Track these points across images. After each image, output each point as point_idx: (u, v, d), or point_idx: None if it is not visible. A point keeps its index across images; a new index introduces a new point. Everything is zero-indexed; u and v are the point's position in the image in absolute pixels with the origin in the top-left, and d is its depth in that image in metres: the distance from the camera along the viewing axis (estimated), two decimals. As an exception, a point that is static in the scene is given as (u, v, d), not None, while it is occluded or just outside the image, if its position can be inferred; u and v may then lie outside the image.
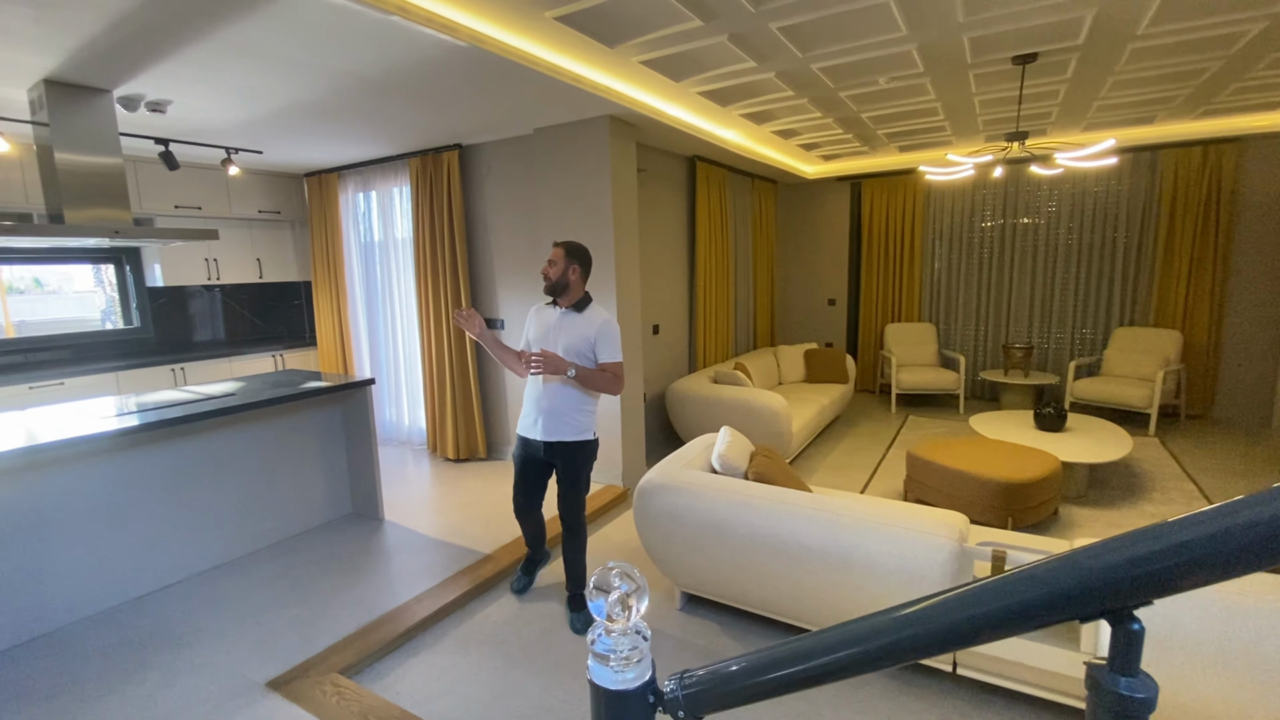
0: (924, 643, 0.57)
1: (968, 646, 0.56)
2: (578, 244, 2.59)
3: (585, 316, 2.56)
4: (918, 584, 2.04)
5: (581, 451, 2.62)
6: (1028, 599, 0.51)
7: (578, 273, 2.55)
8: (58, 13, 2.23)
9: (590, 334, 2.52)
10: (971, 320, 6.46)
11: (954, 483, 3.40)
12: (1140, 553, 0.47)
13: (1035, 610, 0.51)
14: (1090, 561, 0.50)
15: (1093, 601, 0.49)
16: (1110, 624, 0.51)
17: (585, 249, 2.60)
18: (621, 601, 0.67)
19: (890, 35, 2.90)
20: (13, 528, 2.53)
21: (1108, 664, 0.51)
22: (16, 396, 3.96)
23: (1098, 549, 0.50)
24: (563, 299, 2.58)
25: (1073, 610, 0.50)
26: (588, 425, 2.61)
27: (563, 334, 2.55)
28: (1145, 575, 0.46)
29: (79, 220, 3.04)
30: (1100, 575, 0.48)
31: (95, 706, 2.17)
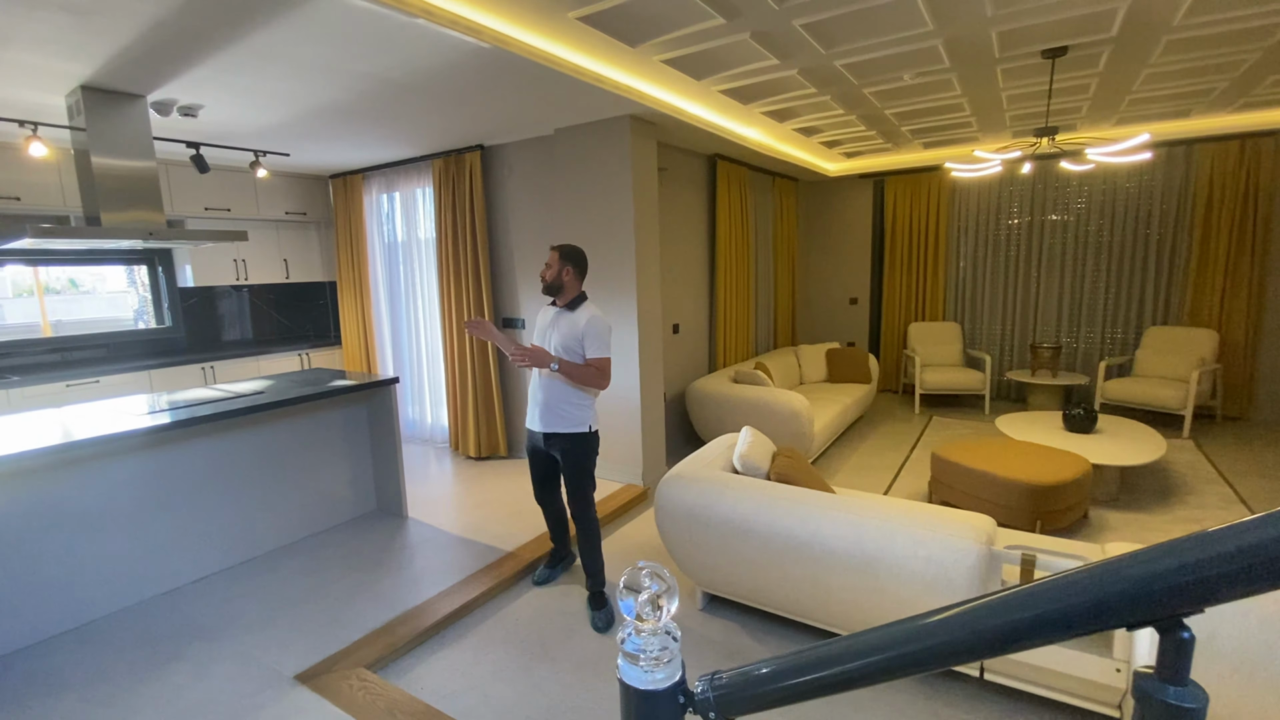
0: (962, 648, 0.56)
1: (1007, 653, 0.55)
2: (572, 247, 2.71)
3: (576, 314, 2.66)
4: (944, 587, 2.01)
5: (578, 444, 2.70)
6: (1072, 605, 0.50)
7: (571, 274, 2.66)
8: (94, 20, 2.29)
9: (579, 330, 2.62)
10: (997, 319, 6.35)
11: (980, 485, 3.34)
12: (1193, 559, 0.45)
13: (1079, 617, 0.50)
14: (1138, 568, 0.48)
15: (1141, 609, 0.48)
16: (1159, 632, 0.49)
17: (580, 251, 2.71)
18: (652, 601, 0.67)
19: (916, 30, 2.86)
20: (50, 522, 2.60)
21: (1156, 673, 0.50)
22: (54, 394, 4.08)
23: (1147, 555, 0.49)
24: (559, 298, 2.71)
25: (1119, 618, 0.49)
26: (582, 418, 2.69)
27: (556, 331, 2.68)
28: (1197, 582, 0.45)
29: (115, 222, 3.12)
30: (1150, 582, 0.47)
31: (130, 696, 2.23)
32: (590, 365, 2.60)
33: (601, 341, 2.61)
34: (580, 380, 2.62)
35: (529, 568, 3.11)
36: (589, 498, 2.75)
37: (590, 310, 2.65)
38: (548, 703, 2.21)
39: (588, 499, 2.75)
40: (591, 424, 2.72)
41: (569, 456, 2.70)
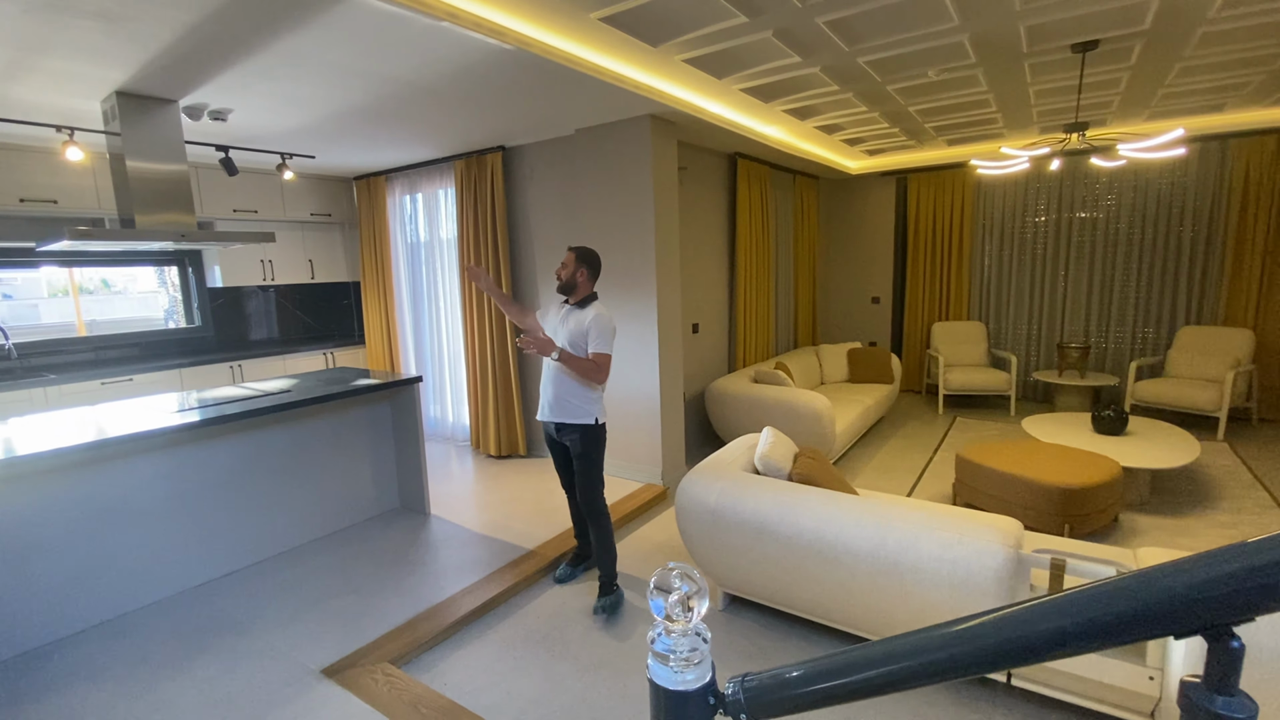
0: (1003, 654, 0.55)
1: (1049, 660, 0.54)
2: (588, 250, 2.82)
3: (584, 312, 2.77)
4: (970, 591, 1.98)
5: (586, 435, 2.79)
6: (1118, 612, 0.49)
7: (585, 275, 2.78)
8: (128, 27, 2.35)
9: (585, 326, 2.73)
10: (1023, 319, 6.24)
11: (1007, 487, 3.29)
12: (1246, 566, 0.44)
13: (1126, 625, 0.49)
14: (1188, 574, 0.47)
15: (1190, 617, 0.46)
16: (1207, 641, 0.48)
17: (595, 254, 2.83)
18: (682, 602, 0.67)
19: (941, 26, 2.82)
20: (88, 517, 2.68)
21: (1204, 682, 0.49)
22: (90, 392, 4.19)
23: (1197, 561, 0.48)
24: (571, 297, 2.82)
25: (1167, 626, 0.47)
26: (589, 411, 2.78)
27: (565, 327, 2.79)
28: (1251, 590, 0.44)
29: (148, 225, 3.20)
30: (1200, 589, 0.46)
31: (162, 688, 2.28)
32: (590, 359, 2.70)
33: (604, 338, 2.71)
34: (579, 372, 2.71)
35: (550, 566, 3.13)
36: (595, 487, 2.86)
37: (598, 309, 2.75)
38: (569, 700, 2.22)
39: (594, 489, 2.85)
40: (598, 417, 2.81)
41: (576, 447, 2.82)
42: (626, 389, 4.22)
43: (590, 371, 2.70)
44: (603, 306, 2.78)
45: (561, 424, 2.81)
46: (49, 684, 2.32)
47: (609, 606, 2.76)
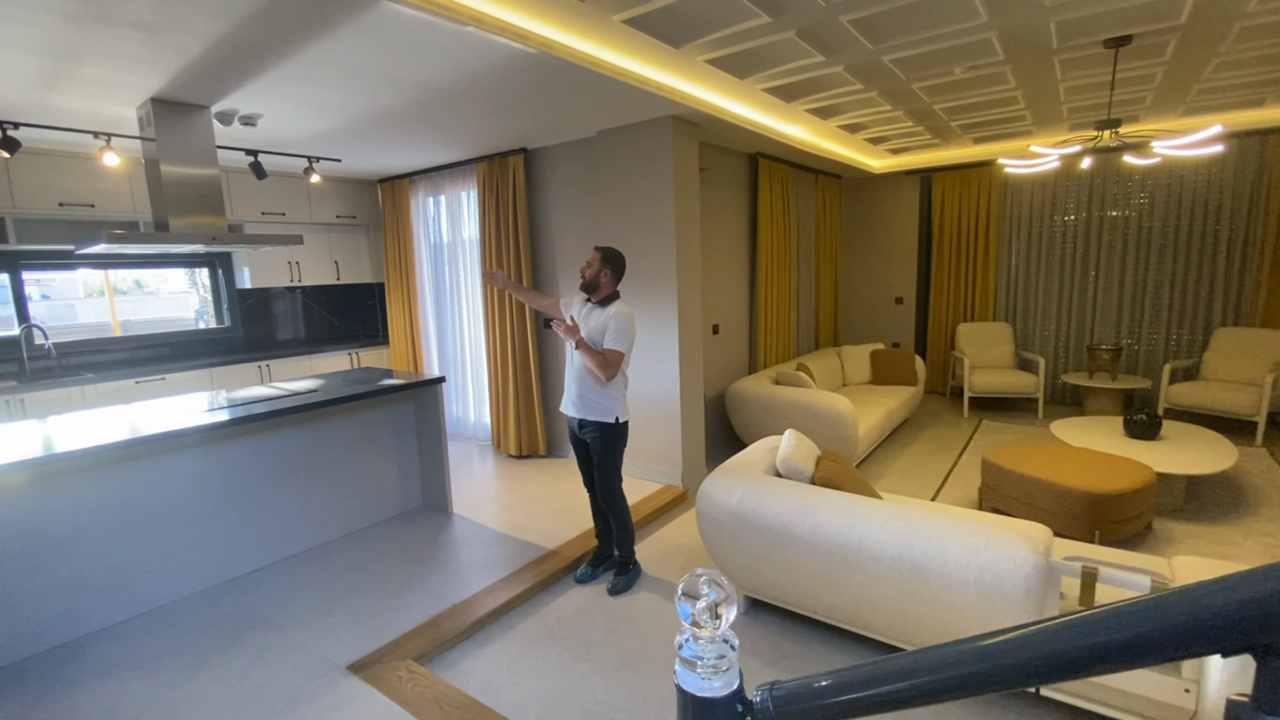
0: (1042, 669, 0.54)
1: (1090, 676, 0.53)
2: (614, 251, 2.88)
3: (606, 310, 2.84)
4: (997, 599, 1.95)
5: (606, 433, 2.87)
6: (1162, 629, 0.48)
7: (608, 275, 2.84)
8: (164, 36, 2.41)
9: (604, 324, 2.80)
10: (1051, 320, 6.11)
11: (1035, 492, 3.22)
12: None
13: (1170, 642, 0.48)
14: (1233, 592, 0.46)
15: (1238, 636, 0.45)
16: (1256, 659, 0.47)
17: (621, 256, 2.89)
18: (710, 609, 0.67)
19: (969, 23, 2.77)
20: (122, 513, 2.75)
21: (1253, 701, 0.47)
22: (125, 391, 4.31)
23: (1242, 578, 0.46)
24: (594, 295, 2.88)
25: (1213, 644, 0.46)
26: (609, 409, 2.85)
27: (586, 324, 2.87)
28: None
29: (181, 227, 3.28)
30: (1248, 608, 0.44)
31: (194, 680, 2.34)
32: (603, 353, 2.76)
33: (620, 337, 2.77)
34: (591, 364, 2.77)
35: (571, 566, 3.14)
36: (613, 483, 2.95)
37: (619, 307, 2.82)
38: (590, 701, 2.23)
39: (613, 485, 2.95)
40: (619, 415, 2.88)
41: (596, 444, 2.90)
42: (647, 390, 4.22)
43: (601, 365, 2.75)
44: (624, 306, 2.84)
45: (583, 420, 2.91)
46: (90, 674, 2.39)
47: (623, 585, 2.93)
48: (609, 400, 2.84)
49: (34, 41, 2.40)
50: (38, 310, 4.51)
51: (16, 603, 2.49)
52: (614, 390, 2.85)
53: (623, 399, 2.89)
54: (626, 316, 2.79)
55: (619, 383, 2.86)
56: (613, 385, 2.84)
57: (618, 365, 2.78)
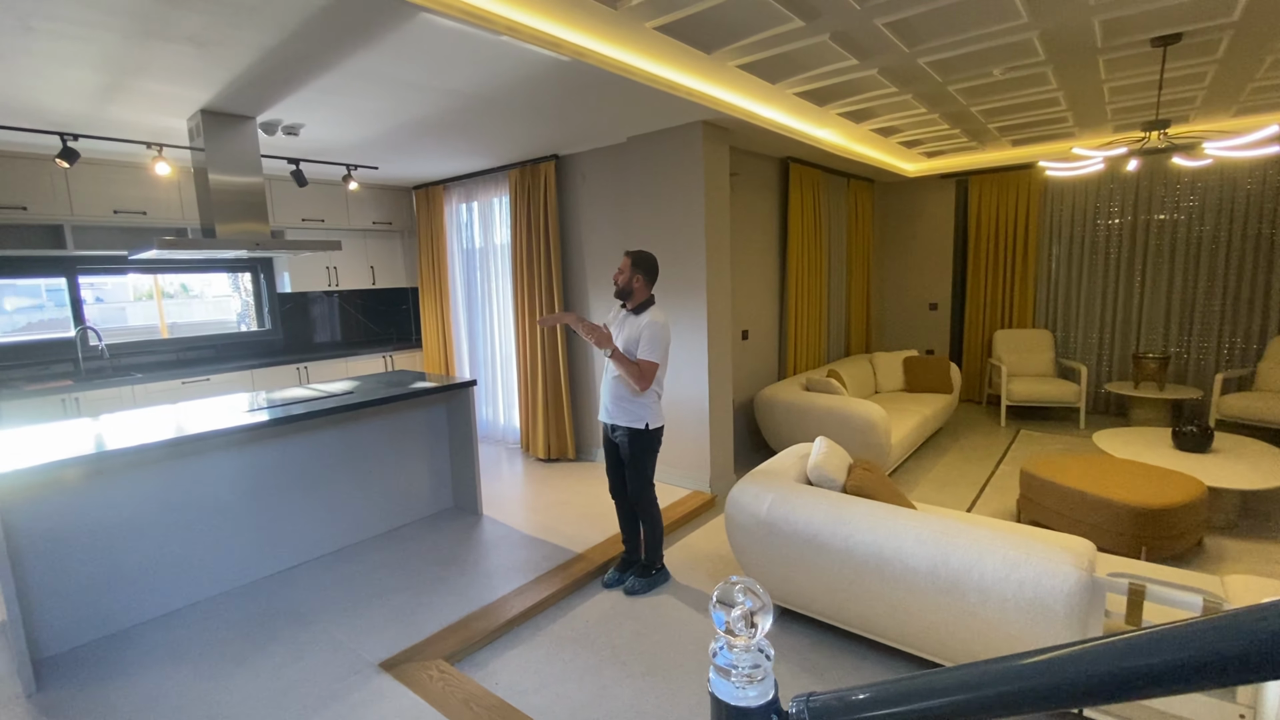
0: (1085, 690, 0.52)
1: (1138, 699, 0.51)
2: (645, 254, 2.85)
3: (640, 318, 2.81)
4: (1039, 614, 1.89)
5: (637, 439, 2.87)
6: (1217, 652, 0.46)
7: (641, 281, 2.82)
8: (215, 50, 2.51)
9: (639, 333, 2.77)
10: (1094, 327, 5.91)
11: (1077, 505, 3.12)
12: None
13: (1226, 666, 0.45)
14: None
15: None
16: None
17: (652, 259, 2.86)
18: (745, 617, 0.67)
19: (1009, 24, 2.71)
20: (167, 509, 2.86)
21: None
22: (172, 391, 4.47)
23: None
24: (629, 302, 2.86)
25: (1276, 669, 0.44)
26: (640, 415, 2.84)
27: (621, 331, 2.86)
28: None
29: (227, 234, 3.40)
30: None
31: (234, 672, 2.41)
32: (637, 364, 2.74)
33: (654, 347, 2.74)
34: (626, 374, 2.75)
35: (598, 570, 3.15)
36: (644, 488, 2.94)
37: (653, 315, 2.79)
38: (618, 706, 2.22)
39: (644, 490, 2.94)
40: (650, 422, 2.85)
41: (626, 448, 2.91)
42: (675, 395, 4.21)
43: (635, 377, 2.74)
44: (659, 314, 2.81)
45: (615, 425, 2.92)
46: (137, 663, 2.48)
47: (641, 588, 2.94)
48: (639, 407, 2.84)
49: (95, 57, 2.52)
50: (92, 313, 4.72)
51: (70, 593, 2.60)
52: (646, 397, 2.83)
53: (654, 406, 2.87)
54: (660, 326, 2.74)
55: (654, 390, 2.85)
56: (649, 392, 2.83)
57: (652, 376, 2.75)
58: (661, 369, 2.81)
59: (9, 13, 2.10)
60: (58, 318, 4.61)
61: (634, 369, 2.74)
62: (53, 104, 3.08)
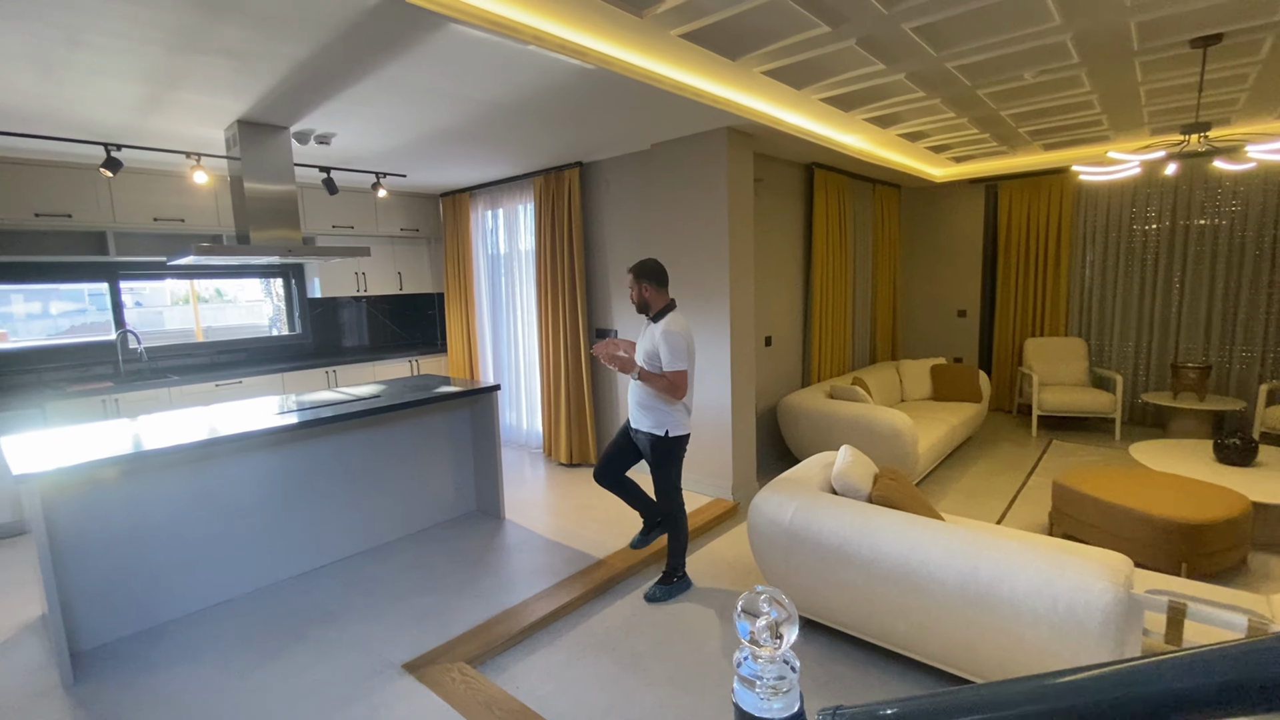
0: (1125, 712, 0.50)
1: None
2: (644, 263, 2.83)
3: (655, 327, 2.79)
4: (1073, 631, 1.83)
5: (656, 446, 2.86)
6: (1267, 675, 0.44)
7: (650, 289, 2.80)
8: (251, 63, 2.58)
9: (655, 342, 2.75)
10: (1130, 335, 5.75)
11: (1113, 519, 3.03)
12: None
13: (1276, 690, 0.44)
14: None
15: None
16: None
17: (651, 264, 2.82)
18: (771, 628, 0.66)
19: (1041, 26, 2.66)
20: (199, 508, 2.93)
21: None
22: (206, 393, 4.59)
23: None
24: (650, 312, 2.85)
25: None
26: (659, 422, 2.82)
27: (643, 342, 2.87)
28: None
29: (261, 240, 3.48)
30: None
31: (262, 670, 2.45)
32: (664, 376, 2.72)
33: (674, 355, 2.70)
34: (655, 389, 2.76)
35: (620, 576, 3.14)
36: (667, 494, 2.94)
37: (667, 324, 2.74)
38: (639, 714, 2.21)
39: (667, 495, 2.95)
40: (669, 429, 2.83)
41: (649, 455, 2.91)
42: (697, 402, 4.19)
43: (665, 389, 2.72)
44: (676, 319, 2.77)
45: (636, 429, 2.94)
46: (167, 659, 2.54)
47: (661, 595, 2.93)
48: (661, 414, 2.82)
49: (138, 70, 2.61)
50: (131, 317, 4.87)
51: (106, 589, 2.67)
52: (667, 405, 2.80)
53: (677, 414, 2.83)
54: (675, 334, 2.70)
55: (669, 400, 2.81)
56: (666, 401, 2.80)
57: (682, 384, 2.71)
58: (691, 377, 2.79)
59: (60, 27, 2.19)
60: (99, 321, 4.77)
61: (663, 382, 2.71)
62: (98, 115, 3.19)
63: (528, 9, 2.34)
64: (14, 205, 3.95)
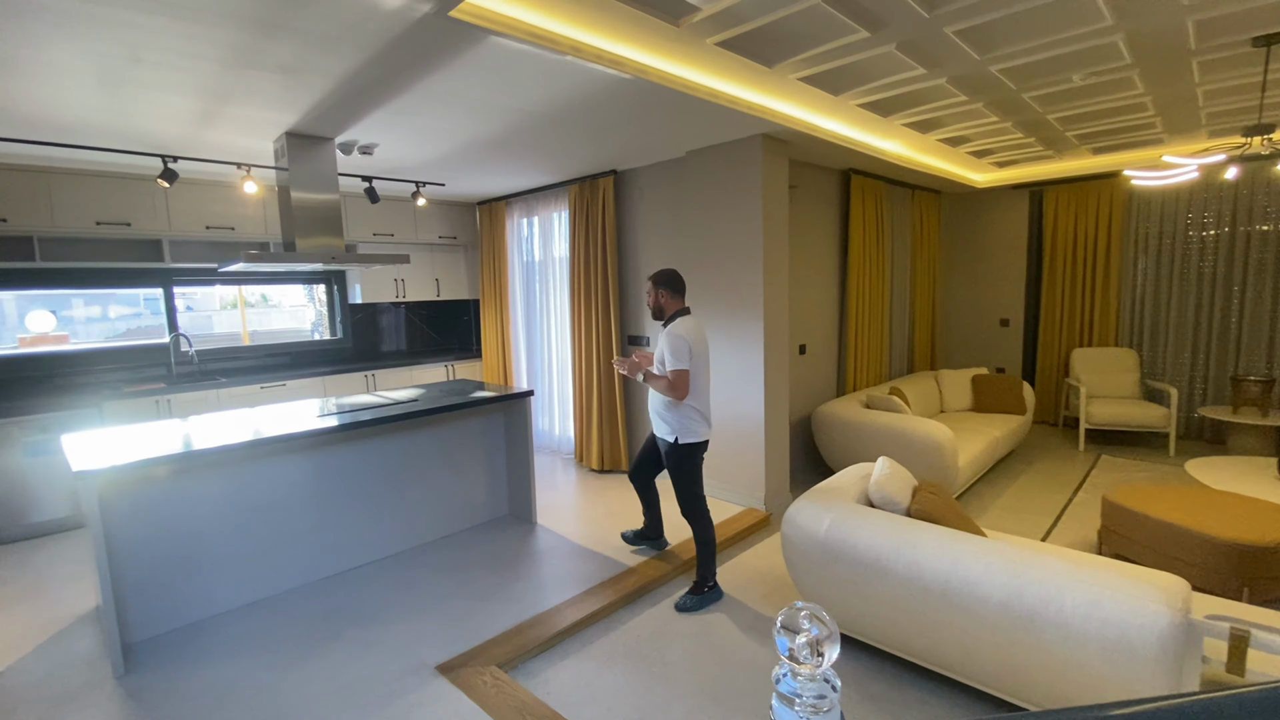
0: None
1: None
2: (662, 271, 3.00)
3: (664, 331, 2.95)
4: (1124, 657, 1.75)
5: (670, 452, 2.98)
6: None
7: (666, 295, 2.97)
8: (301, 77, 2.67)
9: (662, 345, 2.90)
10: (1186, 346, 5.50)
11: (1168, 539, 2.89)
12: None
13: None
14: None
15: None
16: None
17: (669, 273, 2.99)
18: (812, 646, 0.64)
19: (1092, 26, 2.58)
20: (243, 507, 3.02)
21: None
22: (251, 395, 4.75)
23: None
24: (664, 319, 3.00)
25: None
26: (671, 429, 2.95)
27: (657, 349, 3.00)
28: None
29: (306, 248, 3.59)
30: None
31: (299, 667, 2.51)
32: (665, 377, 2.87)
33: (676, 355, 2.83)
34: (658, 388, 2.91)
35: (650, 584, 3.13)
36: (689, 501, 3.01)
37: (673, 326, 2.90)
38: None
39: (688, 501, 3.01)
40: (680, 436, 2.94)
41: (667, 461, 3.03)
42: (730, 410, 4.16)
43: (665, 389, 2.86)
44: (683, 324, 2.90)
45: (656, 435, 3.11)
46: (212, 652, 2.62)
47: (692, 604, 2.92)
48: (671, 420, 2.94)
49: (195, 86, 2.73)
50: (182, 320, 5.07)
51: (156, 583, 2.78)
52: (680, 411, 2.91)
53: (688, 421, 2.92)
54: (677, 336, 2.84)
55: (689, 404, 2.90)
56: (683, 406, 2.90)
57: (682, 383, 2.83)
58: (700, 381, 2.90)
59: (123, 45, 2.30)
60: (153, 324, 4.98)
61: (664, 383, 2.87)
62: (156, 129, 3.35)
63: (566, 20, 2.37)
64: (78, 214, 4.17)
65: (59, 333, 4.61)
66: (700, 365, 2.88)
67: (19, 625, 2.89)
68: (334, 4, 2.04)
